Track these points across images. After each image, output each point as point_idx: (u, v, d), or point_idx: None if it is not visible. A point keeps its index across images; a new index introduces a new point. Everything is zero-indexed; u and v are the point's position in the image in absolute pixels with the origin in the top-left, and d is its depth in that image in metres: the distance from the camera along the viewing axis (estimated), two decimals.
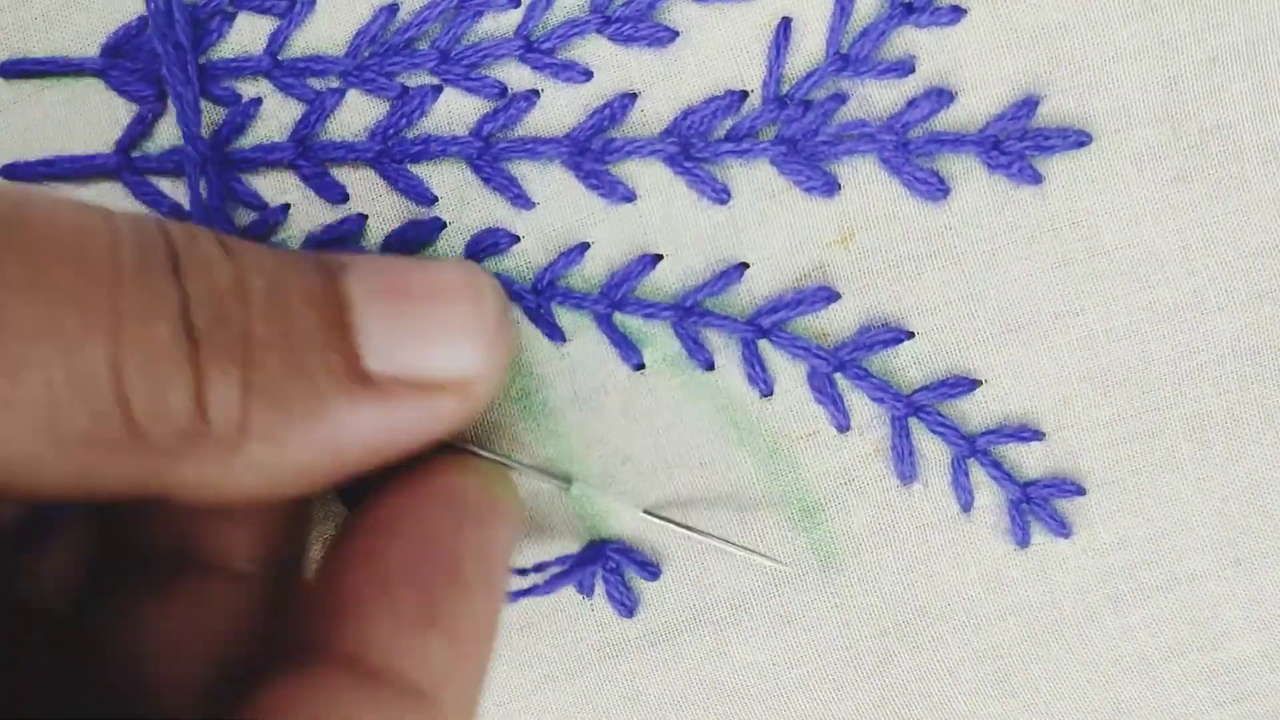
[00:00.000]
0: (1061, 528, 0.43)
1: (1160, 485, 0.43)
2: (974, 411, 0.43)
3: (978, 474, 0.43)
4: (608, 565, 0.44)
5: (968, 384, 0.43)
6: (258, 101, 0.43)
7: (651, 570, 0.44)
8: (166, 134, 0.43)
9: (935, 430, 0.43)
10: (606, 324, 0.43)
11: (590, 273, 0.43)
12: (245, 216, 0.43)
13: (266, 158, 0.43)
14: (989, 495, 0.44)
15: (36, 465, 0.30)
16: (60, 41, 0.43)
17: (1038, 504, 0.43)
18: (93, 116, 0.43)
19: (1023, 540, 0.44)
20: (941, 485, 0.44)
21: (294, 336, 0.33)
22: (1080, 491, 0.43)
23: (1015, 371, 0.43)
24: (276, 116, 0.43)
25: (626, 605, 0.44)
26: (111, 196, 0.43)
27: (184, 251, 0.33)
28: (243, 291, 0.33)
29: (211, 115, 0.43)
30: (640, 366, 0.43)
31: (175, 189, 0.43)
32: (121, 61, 0.43)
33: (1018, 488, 0.43)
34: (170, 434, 0.32)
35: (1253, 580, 0.43)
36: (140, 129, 0.43)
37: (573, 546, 0.44)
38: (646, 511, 0.43)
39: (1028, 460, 0.43)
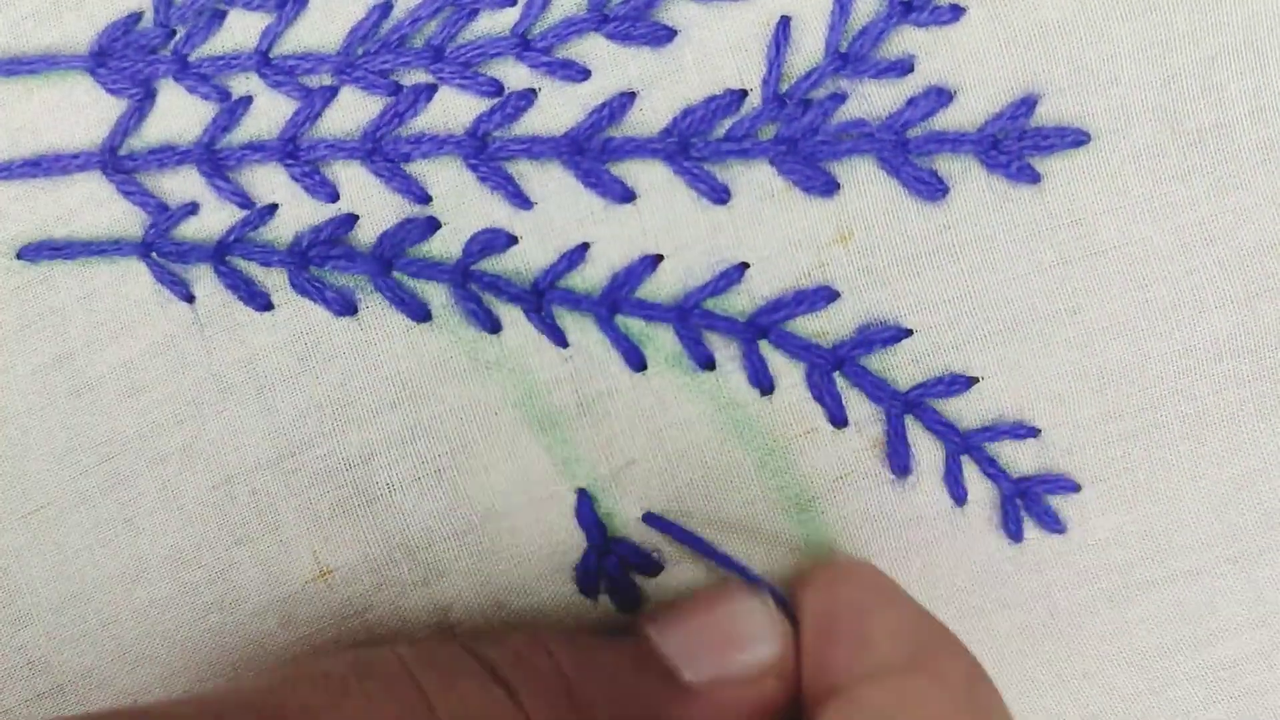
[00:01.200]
0: (1055, 523, 0.44)
1: (1156, 482, 0.43)
2: (969, 408, 0.43)
3: (972, 470, 0.44)
4: (612, 568, 0.44)
5: (964, 381, 0.43)
6: (248, 100, 0.42)
7: (655, 569, 0.44)
8: (154, 132, 0.43)
9: (931, 427, 0.43)
10: (608, 326, 0.43)
11: (590, 274, 0.43)
12: (233, 216, 0.43)
13: (254, 155, 0.42)
14: (983, 491, 0.44)
15: None
16: (50, 40, 0.42)
17: (1032, 499, 0.44)
18: (81, 115, 0.42)
19: (1016, 535, 0.44)
20: (935, 480, 0.44)
21: None
22: (1075, 487, 0.43)
23: (1012, 369, 0.43)
24: (267, 114, 0.42)
25: (629, 606, 0.44)
26: (98, 195, 0.43)
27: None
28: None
29: (201, 113, 0.43)
30: (642, 368, 0.43)
31: (160, 187, 0.43)
32: (111, 60, 0.42)
33: (1011, 483, 0.43)
34: None
35: (1250, 577, 0.44)
36: (128, 127, 0.42)
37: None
38: (647, 520, 0.43)
39: (1023, 457, 0.43)
